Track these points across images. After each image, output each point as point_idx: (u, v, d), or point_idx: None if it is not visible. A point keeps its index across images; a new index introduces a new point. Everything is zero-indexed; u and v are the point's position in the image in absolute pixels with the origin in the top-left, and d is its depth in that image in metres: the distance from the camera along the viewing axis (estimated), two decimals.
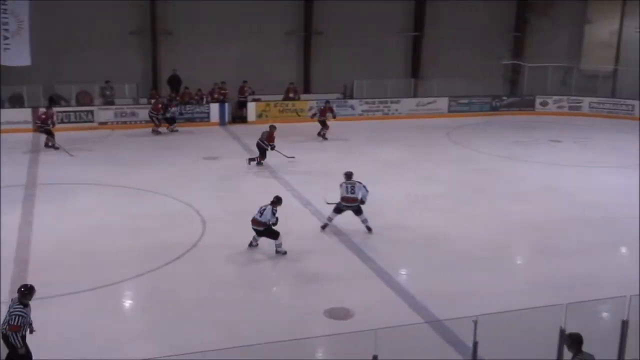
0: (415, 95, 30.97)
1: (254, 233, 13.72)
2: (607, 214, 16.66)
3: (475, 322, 7.87)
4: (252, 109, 27.59)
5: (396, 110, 29.77)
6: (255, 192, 17.84)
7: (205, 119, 26.73)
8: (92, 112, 25.46)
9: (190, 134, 25.01)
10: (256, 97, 28.03)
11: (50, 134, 21.81)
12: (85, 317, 10.60)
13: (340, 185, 15.19)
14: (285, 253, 13.53)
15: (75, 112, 25.35)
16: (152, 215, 15.74)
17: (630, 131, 27.75)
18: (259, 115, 27.50)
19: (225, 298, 11.65)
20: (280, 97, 28.45)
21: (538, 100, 31.83)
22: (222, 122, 26.88)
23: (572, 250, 14.29)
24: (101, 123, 25.43)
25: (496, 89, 32.43)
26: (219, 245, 14.04)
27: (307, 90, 30.18)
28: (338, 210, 14.92)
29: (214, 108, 26.90)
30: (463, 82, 30.51)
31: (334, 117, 24.94)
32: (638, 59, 31.33)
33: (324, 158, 21.70)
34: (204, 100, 26.97)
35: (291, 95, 28.49)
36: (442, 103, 30.47)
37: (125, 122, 25.71)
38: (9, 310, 8.48)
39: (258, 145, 20.47)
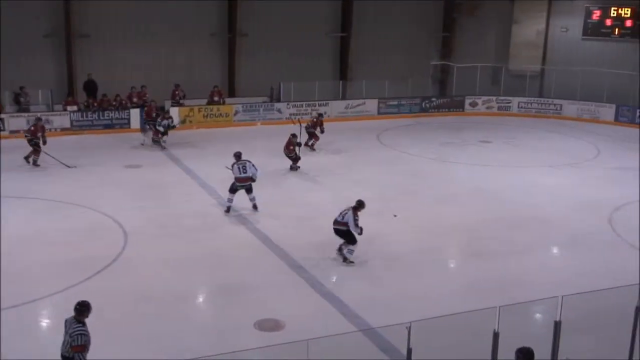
0: (343, 98, 31.13)
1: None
2: (538, 214, 17.12)
3: (409, 329, 7.92)
4: (175, 114, 27.19)
5: (325, 113, 29.74)
6: (180, 201, 17.69)
7: (125, 125, 26.23)
8: (2, 120, 24.66)
9: (111, 141, 24.49)
10: (174, 103, 27.67)
11: (36, 149, 20.79)
12: (3, 337, 10.24)
13: (232, 165, 16.48)
14: (352, 263, 13.55)
15: None
16: (71, 228, 15.35)
17: (558, 131, 28.63)
18: (183, 121, 27.13)
19: (150, 312, 11.44)
20: (204, 101, 28.17)
21: (467, 101, 32.46)
22: (143, 129, 26.38)
23: (504, 252, 14.63)
24: (12, 132, 24.57)
25: (426, 90, 32.95)
26: (142, 257, 13.81)
27: (232, 93, 29.96)
28: (233, 190, 16.44)
29: (135, 114, 26.42)
30: (392, 84, 30.91)
31: (322, 132, 23.69)
32: (564, 59, 32.40)
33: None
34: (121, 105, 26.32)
35: (216, 98, 28.23)
36: (372, 105, 30.74)
37: None
38: (68, 332, 8.34)
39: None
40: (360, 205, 13.69)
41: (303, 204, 17.66)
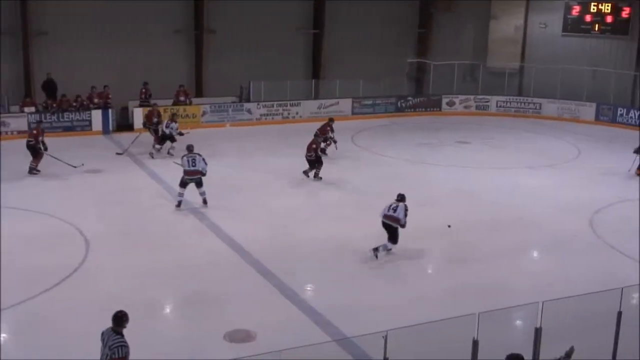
0: (316, 97, 31.18)
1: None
2: (518, 217, 17.29)
3: (385, 338, 7.96)
4: (139, 115, 27.02)
5: (297, 113, 29.88)
6: (144, 207, 17.59)
7: (86, 127, 26.02)
8: None
9: (71, 144, 24.24)
10: (144, 102, 27.50)
11: (39, 153, 20.48)
12: None
13: (182, 158, 17.07)
14: (376, 257, 14.08)
15: None
16: (28, 236, 15.17)
17: (538, 131, 28.92)
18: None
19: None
20: (170, 101, 28.00)
21: (444, 100, 32.64)
22: (105, 131, 26.23)
23: (484, 256, 14.75)
24: None
25: (401, 88, 33.09)
26: (105, 266, 13.72)
27: (199, 93, 29.83)
28: (183, 184, 17.05)
29: (96, 115, 26.23)
30: (367, 82, 31.00)
31: (334, 141, 23.00)
32: (544, 56, 32.73)
33: (219, 167, 21.52)
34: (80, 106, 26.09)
35: (182, 98, 28.08)
36: (345, 105, 30.80)
37: None
38: (107, 344, 8.32)
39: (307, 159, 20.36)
40: (404, 198, 14.49)
41: (274, 208, 17.64)
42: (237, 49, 29.97)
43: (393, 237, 14.22)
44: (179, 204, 17.23)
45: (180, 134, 22.93)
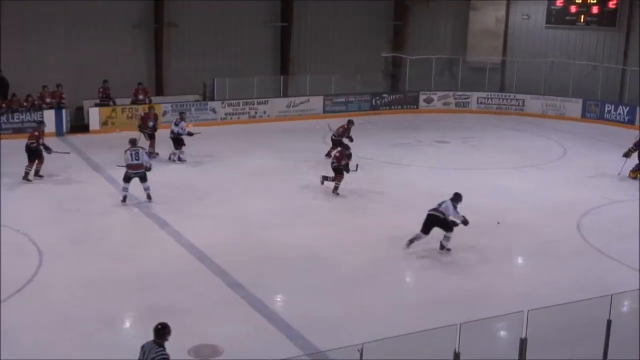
0: (285, 95, 31.18)
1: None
2: (501, 221, 17.32)
3: (361, 351, 7.95)
4: (95, 115, 26.87)
5: (264, 112, 29.85)
6: (102, 213, 17.45)
7: None
8: None
9: (22, 147, 23.96)
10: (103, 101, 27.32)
11: (38, 158, 20.35)
12: None
13: (125, 152, 17.70)
14: (449, 250, 15.03)
15: None
16: None
17: (521, 128, 29.13)
18: (104, 123, 26.84)
19: (70, 340, 11.24)
20: (128, 100, 27.81)
21: (422, 97, 32.77)
22: (59, 133, 26.00)
23: (465, 262, 14.84)
24: None
25: (376, 85, 33.16)
26: (59, 278, 13.57)
27: (159, 91, 29.64)
28: (127, 178, 17.79)
29: (49, 116, 25.97)
30: (339, 79, 31.03)
31: (351, 140, 22.52)
32: (526, 49, 32.96)
33: (182, 171, 21.47)
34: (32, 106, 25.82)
35: (141, 97, 27.88)
36: (317, 102, 30.82)
37: None
38: (147, 357, 8.32)
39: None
40: (457, 197, 15.12)
41: (241, 213, 17.58)
42: (200, 44, 29.89)
43: (446, 227, 14.92)
44: (124, 199, 17.89)
45: (190, 134, 22.71)
